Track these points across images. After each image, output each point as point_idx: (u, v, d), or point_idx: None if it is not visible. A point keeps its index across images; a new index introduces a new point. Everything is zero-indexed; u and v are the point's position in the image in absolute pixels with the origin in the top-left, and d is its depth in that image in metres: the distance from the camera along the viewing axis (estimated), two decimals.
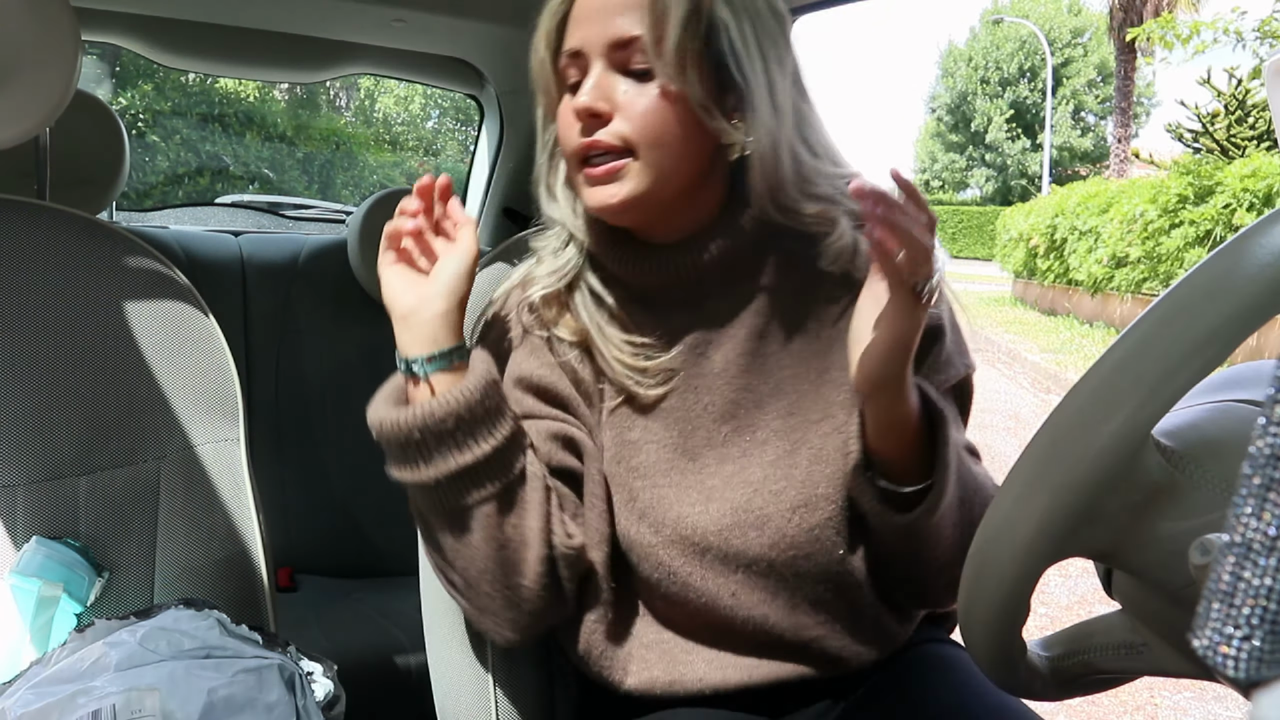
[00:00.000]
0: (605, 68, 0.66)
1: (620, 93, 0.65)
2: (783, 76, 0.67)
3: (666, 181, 0.67)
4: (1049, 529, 0.41)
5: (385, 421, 0.66)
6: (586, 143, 0.66)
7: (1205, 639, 0.26)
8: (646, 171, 0.66)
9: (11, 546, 0.78)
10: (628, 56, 0.65)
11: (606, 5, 0.66)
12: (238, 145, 4.66)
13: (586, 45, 0.66)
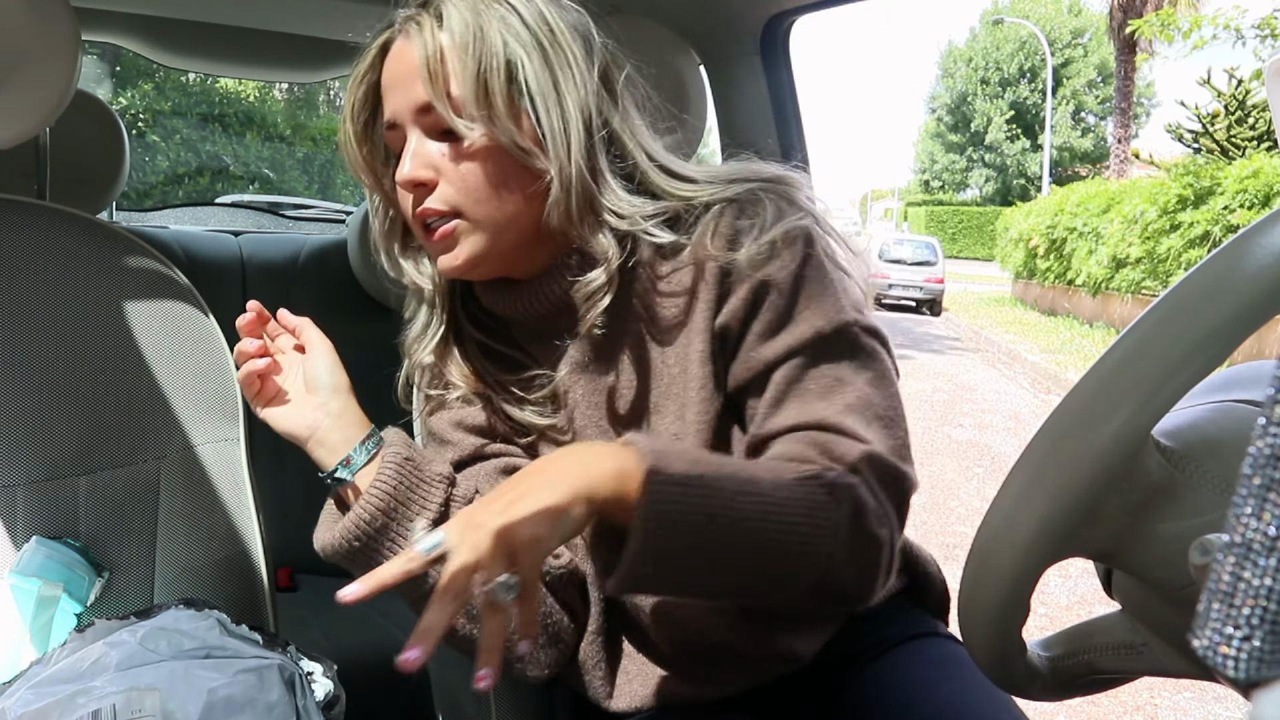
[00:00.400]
0: (420, 134, 0.65)
1: (438, 157, 0.65)
2: (578, 101, 0.64)
3: (503, 232, 0.66)
4: (1049, 529, 0.41)
5: (326, 546, 0.67)
6: (419, 212, 0.66)
7: (1205, 639, 0.26)
8: (479, 229, 0.66)
9: (11, 546, 0.78)
10: (434, 120, 0.64)
11: (405, 72, 0.64)
12: (238, 145, 4.65)
13: (398, 115, 0.66)
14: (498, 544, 0.50)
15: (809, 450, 0.61)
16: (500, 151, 0.64)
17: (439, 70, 0.63)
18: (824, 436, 0.62)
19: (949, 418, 5.41)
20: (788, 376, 0.64)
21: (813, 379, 0.64)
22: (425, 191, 0.65)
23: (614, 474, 0.55)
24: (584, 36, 0.66)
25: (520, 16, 0.64)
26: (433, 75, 0.63)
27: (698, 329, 0.67)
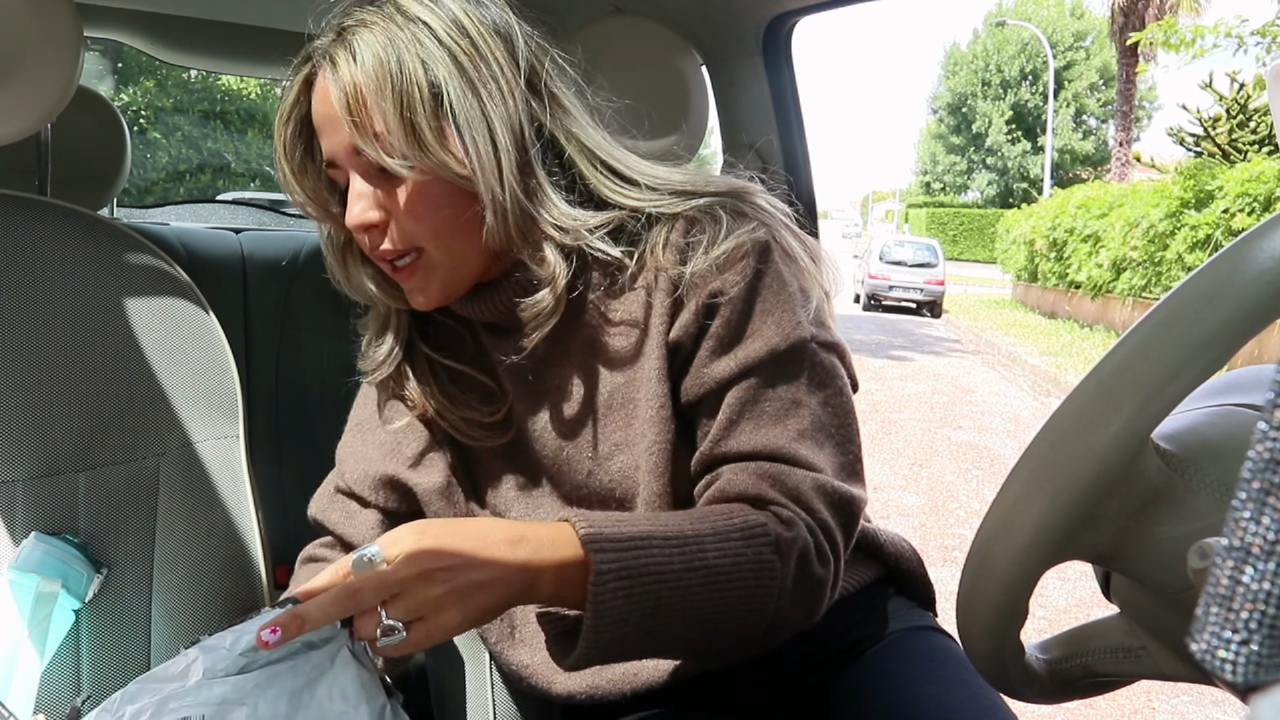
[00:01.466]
0: (360, 174, 0.63)
1: (383, 195, 0.63)
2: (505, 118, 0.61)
3: (466, 256, 0.65)
4: (1048, 532, 0.41)
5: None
6: (375, 254, 0.65)
7: (1203, 643, 0.26)
8: (444, 261, 0.64)
9: (10, 542, 0.78)
10: (364, 161, 0.62)
11: (331, 112, 0.61)
12: (239, 142, 4.65)
13: (335, 155, 0.63)
14: (427, 608, 0.51)
15: (761, 484, 0.60)
16: (441, 182, 0.62)
17: (360, 111, 0.59)
18: (777, 468, 0.61)
19: (948, 420, 5.41)
20: (741, 397, 0.62)
21: (768, 400, 0.62)
22: (379, 233, 0.63)
23: (555, 571, 0.55)
24: (505, 37, 0.62)
25: (434, 34, 0.60)
26: (355, 117, 0.59)
27: (652, 345, 0.64)
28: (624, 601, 0.54)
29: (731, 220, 0.63)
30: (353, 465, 0.79)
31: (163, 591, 0.82)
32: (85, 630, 0.79)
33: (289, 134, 0.65)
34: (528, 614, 0.72)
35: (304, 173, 0.66)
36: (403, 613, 0.51)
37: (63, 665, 0.78)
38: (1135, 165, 14.83)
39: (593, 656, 0.57)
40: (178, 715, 0.58)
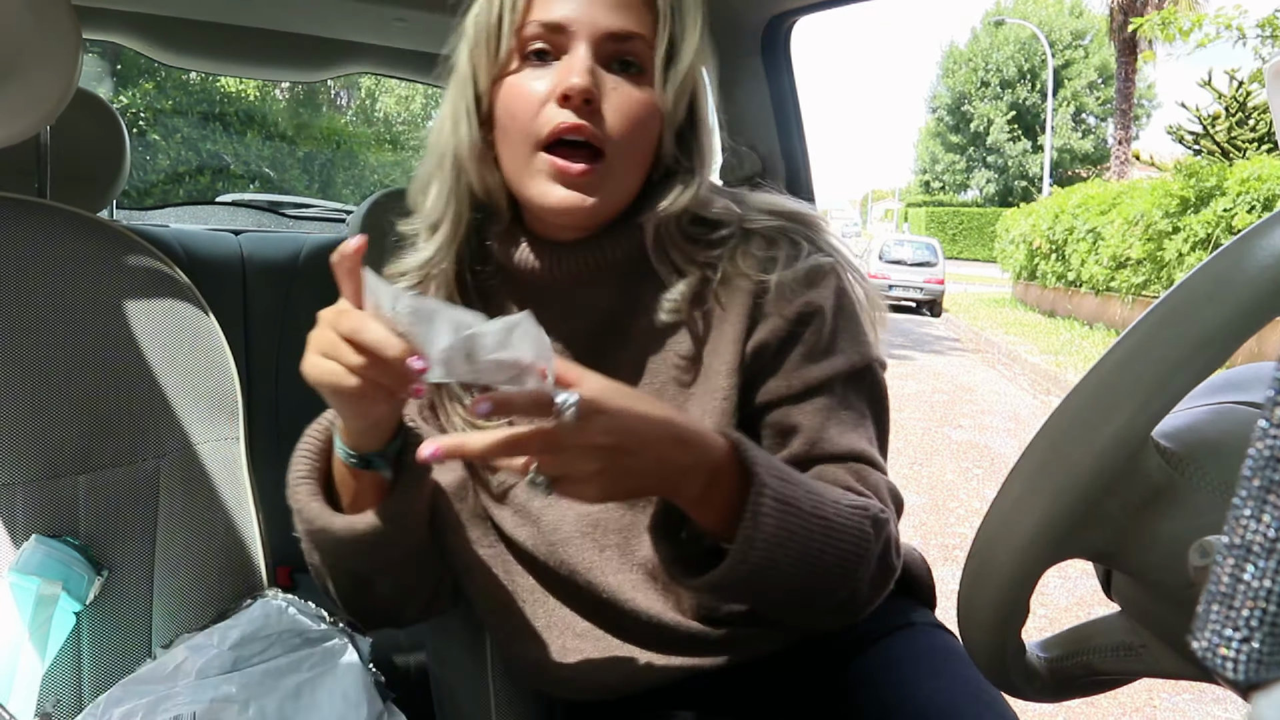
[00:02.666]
0: (590, 49, 0.61)
1: (609, 85, 0.62)
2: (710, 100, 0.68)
3: (624, 193, 0.65)
4: (1048, 530, 0.41)
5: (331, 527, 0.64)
6: (570, 125, 0.61)
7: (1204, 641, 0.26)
8: (614, 178, 0.63)
9: (10, 545, 0.78)
10: (622, 50, 0.62)
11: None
12: (238, 144, 4.66)
13: (574, 24, 0.61)
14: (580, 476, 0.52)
15: (853, 480, 0.65)
16: (661, 118, 0.64)
17: (682, 30, 0.63)
18: (863, 469, 0.66)
19: (948, 418, 5.41)
20: (827, 404, 0.67)
21: (847, 409, 0.67)
22: (588, 111, 0.61)
23: (708, 478, 0.57)
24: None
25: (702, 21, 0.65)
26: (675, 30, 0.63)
27: (726, 341, 0.67)
28: (774, 525, 0.57)
29: (808, 245, 0.68)
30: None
31: (164, 593, 0.82)
32: (86, 632, 0.79)
33: None
34: (539, 609, 0.72)
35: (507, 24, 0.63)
36: (553, 469, 0.52)
37: (64, 668, 0.78)
38: (1134, 163, 14.83)
39: (733, 579, 0.57)
40: (169, 715, 0.58)
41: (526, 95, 0.62)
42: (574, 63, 0.61)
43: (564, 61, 0.62)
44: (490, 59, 0.64)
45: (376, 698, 0.69)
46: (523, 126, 0.63)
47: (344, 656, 0.69)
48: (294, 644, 0.71)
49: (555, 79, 0.62)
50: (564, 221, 0.65)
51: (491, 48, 0.63)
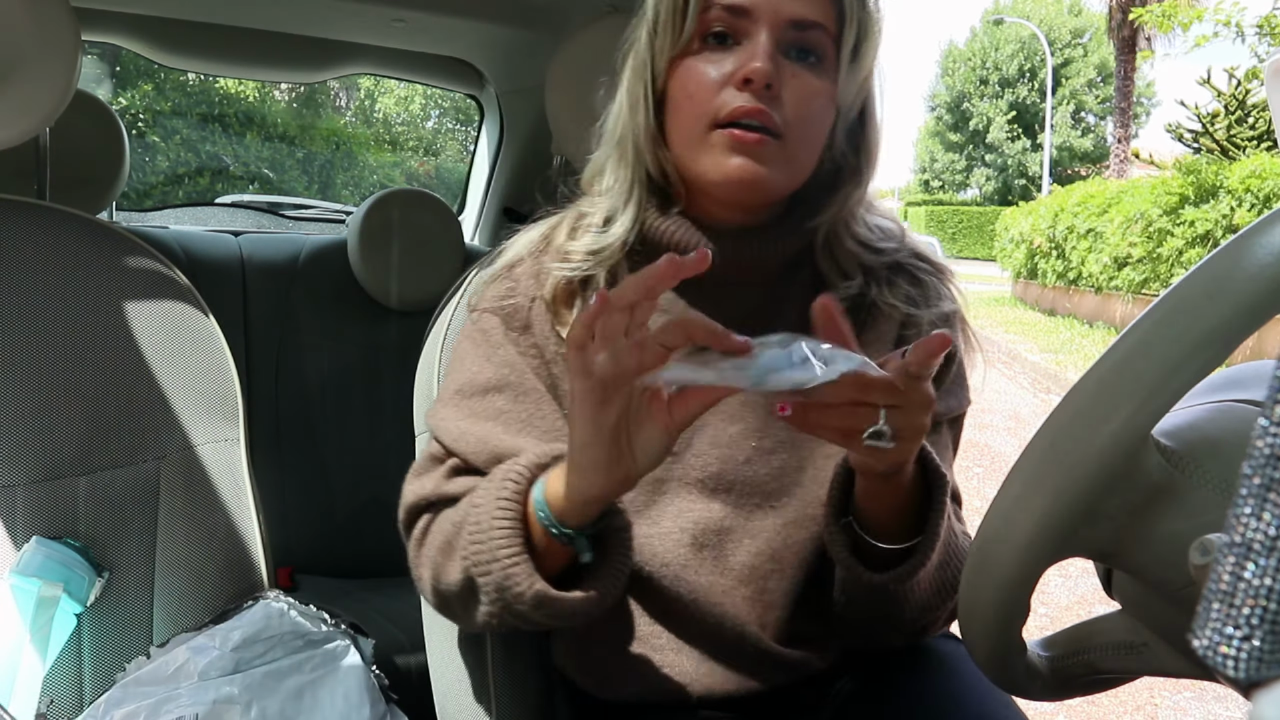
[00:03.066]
0: (772, 36, 0.61)
1: (789, 73, 0.62)
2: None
3: (795, 177, 0.65)
4: (1049, 529, 0.41)
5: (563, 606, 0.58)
6: (749, 108, 0.61)
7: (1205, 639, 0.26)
8: (787, 160, 0.63)
9: (11, 546, 0.78)
10: (803, 39, 0.62)
11: None
12: (237, 145, 4.66)
13: (759, 9, 0.61)
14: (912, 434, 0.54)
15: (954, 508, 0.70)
16: (832, 108, 0.65)
17: (868, 26, 0.63)
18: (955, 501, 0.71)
19: None
20: (934, 439, 0.69)
21: (944, 446, 0.72)
22: (769, 96, 0.61)
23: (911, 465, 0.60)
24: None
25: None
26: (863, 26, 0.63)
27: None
28: (944, 527, 0.62)
29: (944, 289, 0.73)
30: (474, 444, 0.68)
31: (164, 595, 0.82)
32: (87, 634, 0.79)
33: None
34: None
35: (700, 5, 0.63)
36: (897, 423, 0.52)
37: (65, 669, 0.78)
38: (1134, 162, 14.82)
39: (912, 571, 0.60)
40: (172, 717, 0.58)
41: (705, 77, 0.62)
42: (756, 48, 0.61)
43: (745, 46, 0.62)
44: (672, 40, 0.64)
45: (379, 699, 0.69)
46: (699, 107, 0.63)
47: (346, 658, 0.69)
48: (296, 646, 0.71)
49: (736, 63, 0.62)
50: (734, 195, 0.64)
51: (675, 28, 0.63)
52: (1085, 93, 27.15)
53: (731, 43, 0.63)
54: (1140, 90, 23.60)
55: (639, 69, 0.66)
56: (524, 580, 0.57)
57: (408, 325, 1.58)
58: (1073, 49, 26.92)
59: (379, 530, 1.58)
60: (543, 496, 0.57)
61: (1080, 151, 27.33)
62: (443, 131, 7.27)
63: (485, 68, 1.67)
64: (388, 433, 1.57)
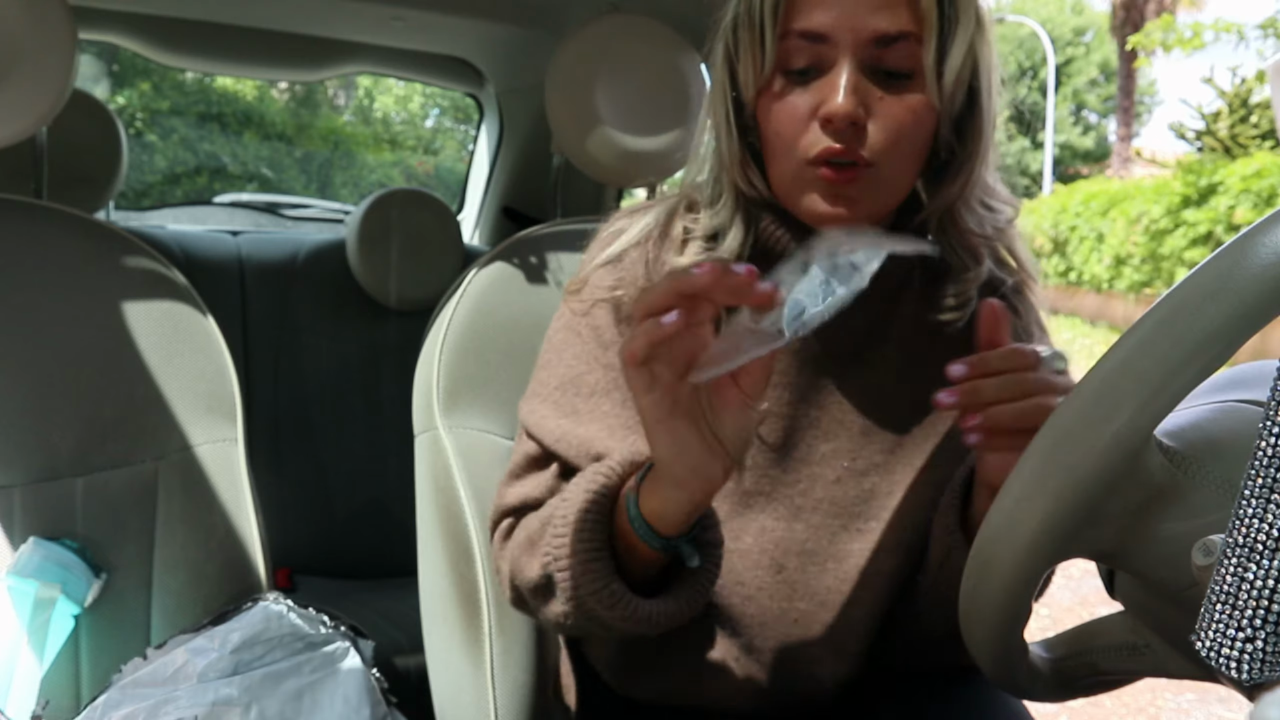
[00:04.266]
0: (854, 63, 0.58)
1: (875, 98, 0.58)
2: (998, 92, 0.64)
3: (896, 194, 0.63)
4: (1051, 529, 0.41)
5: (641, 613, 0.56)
6: (834, 149, 0.58)
7: (1208, 640, 0.25)
8: (883, 185, 0.61)
9: (8, 547, 0.78)
10: (887, 55, 0.58)
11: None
12: (236, 144, 4.66)
13: (835, 33, 0.57)
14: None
15: None
16: (934, 114, 0.60)
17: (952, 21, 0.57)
18: None
19: None
20: None
21: None
22: (854, 131, 0.58)
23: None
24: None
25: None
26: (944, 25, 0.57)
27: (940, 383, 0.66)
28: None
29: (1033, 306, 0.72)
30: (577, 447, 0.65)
31: (162, 596, 0.81)
32: (85, 635, 0.79)
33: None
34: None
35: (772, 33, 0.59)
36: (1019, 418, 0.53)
37: (62, 670, 0.77)
38: (1136, 160, 14.81)
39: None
40: (171, 718, 0.58)
41: (790, 115, 0.60)
42: (836, 81, 0.58)
43: (827, 78, 0.59)
44: (756, 74, 0.61)
45: (379, 701, 0.69)
46: (788, 145, 0.61)
47: (346, 660, 0.69)
48: (296, 647, 0.71)
49: (818, 97, 0.59)
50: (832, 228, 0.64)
51: (756, 61, 0.60)
52: (1087, 91, 27.13)
53: (814, 73, 0.59)
54: (1142, 89, 23.59)
55: (721, 93, 0.64)
56: (600, 580, 0.55)
57: (407, 325, 1.57)
58: (1074, 47, 26.91)
59: (378, 531, 1.58)
60: (636, 507, 0.55)
61: (1082, 150, 27.31)
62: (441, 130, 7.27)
63: (485, 66, 1.67)
64: (387, 433, 1.57)
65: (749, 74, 0.61)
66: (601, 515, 0.56)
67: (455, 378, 0.87)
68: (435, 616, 0.83)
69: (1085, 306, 9.40)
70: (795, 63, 0.59)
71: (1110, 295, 8.61)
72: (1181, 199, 6.98)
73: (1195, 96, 26.77)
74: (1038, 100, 26.60)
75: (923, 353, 0.66)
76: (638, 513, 0.54)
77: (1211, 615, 0.26)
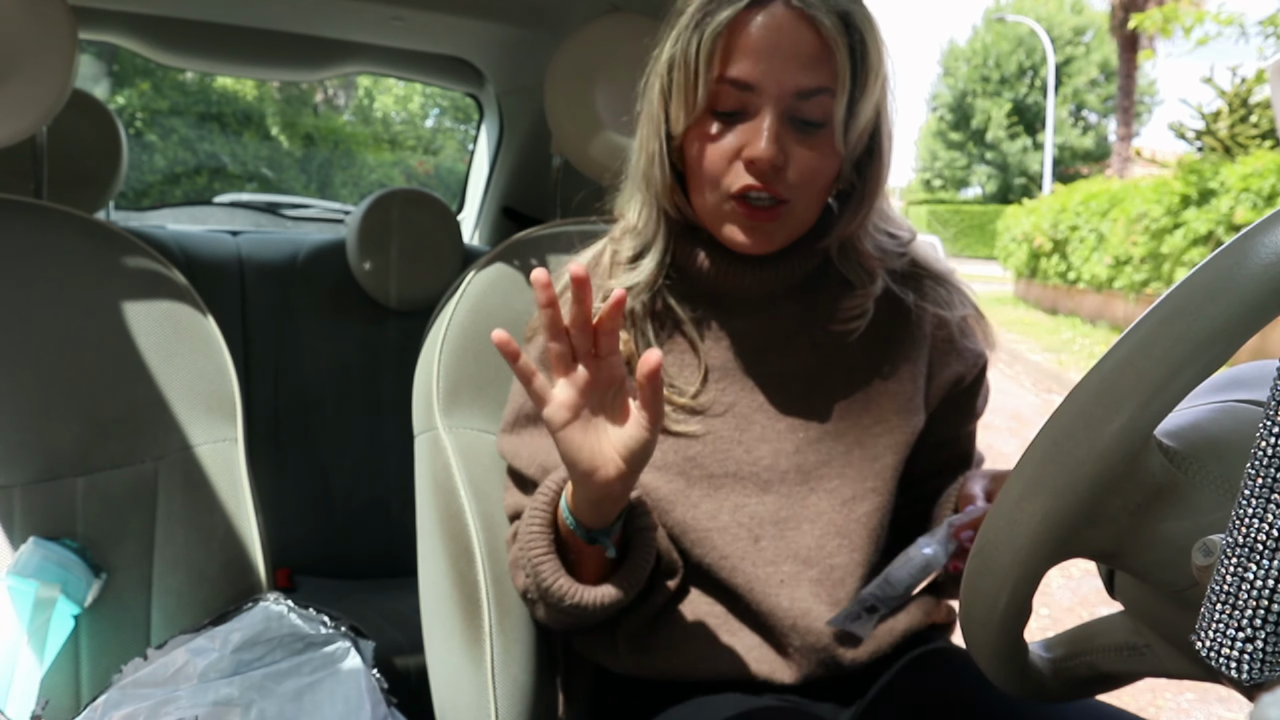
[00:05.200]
0: (776, 112, 0.65)
1: (793, 143, 0.66)
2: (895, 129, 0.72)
3: (805, 225, 0.71)
4: (1051, 529, 0.41)
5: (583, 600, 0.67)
6: (756, 187, 0.66)
7: (1208, 640, 0.25)
8: (795, 219, 0.69)
9: (9, 547, 0.78)
10: (805, 106, 0.65)
11: (795, 47, 0.64)
12: (235, 144, 4.66)
13: (762, 84, 0.65)
14: None
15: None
16: (836, 160, 0.68)
17: (841, 60, 0.64)
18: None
19: None
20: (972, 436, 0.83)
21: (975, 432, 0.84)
22: (774, 173, 0.66)
23: None
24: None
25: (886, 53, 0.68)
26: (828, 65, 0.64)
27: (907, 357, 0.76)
28: None
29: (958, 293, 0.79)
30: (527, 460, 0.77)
31: (162, 595, 0.81)
32: (85, 635, 0.79)
33: (713, 43, 0.64)
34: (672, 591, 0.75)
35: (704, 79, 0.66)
36: None
37: (62, 670, 0.77)
38: (1136, 160, 14.80)
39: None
40: (172, 718, 0.58)
41: (716, 153, 0.67)
42: (761, 128, 0.65)
43: (752, 124, 0.66)
44: (686, 113, 0.68)
45: (380, 701, 0.69)
46: (713, 179, 0.68)
47: (346, 660, 0.69)
48: (296, 648, 0.71)
49: (742, 138, 0.66)
50: (748, 255, 0.72)
51: (688, 101, 0.67)
52: (1087, 91, 27.12)
53: (740, 116, 0.66)
54: (1142, 89, 23.59)
55: (654, 126, 0.71)
56: (550, 575, 0.67)
57: (407, 325, 1.57)
58: (1074, 47, 26.90)
59: (378, 531, 1.58)
60: (566, 503, 0.66)
61: (1081, 150, 27.31)
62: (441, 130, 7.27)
63: (485, 67, 1.67)
64: (387, 433, 1.57)
65: (680, 112, 0.68)
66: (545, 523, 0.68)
67: (455, 378, 0.87)
68: (435, 616, 0.83)
69: (1084, 306, 9.40)
70: (723, 105, 0.66)
71: (1109, 295, 8.62)
72: (1181, 199, 6.98)
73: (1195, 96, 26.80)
74: (1038, 100, 26.61)
75: (843, 339, 0.76)
76: (569, 512, 0.65)
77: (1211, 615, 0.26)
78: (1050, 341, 8.10)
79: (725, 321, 0.75)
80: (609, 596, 0.67)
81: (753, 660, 0.72)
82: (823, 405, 0.74)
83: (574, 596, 0.67)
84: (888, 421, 0.74)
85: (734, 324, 0.75)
